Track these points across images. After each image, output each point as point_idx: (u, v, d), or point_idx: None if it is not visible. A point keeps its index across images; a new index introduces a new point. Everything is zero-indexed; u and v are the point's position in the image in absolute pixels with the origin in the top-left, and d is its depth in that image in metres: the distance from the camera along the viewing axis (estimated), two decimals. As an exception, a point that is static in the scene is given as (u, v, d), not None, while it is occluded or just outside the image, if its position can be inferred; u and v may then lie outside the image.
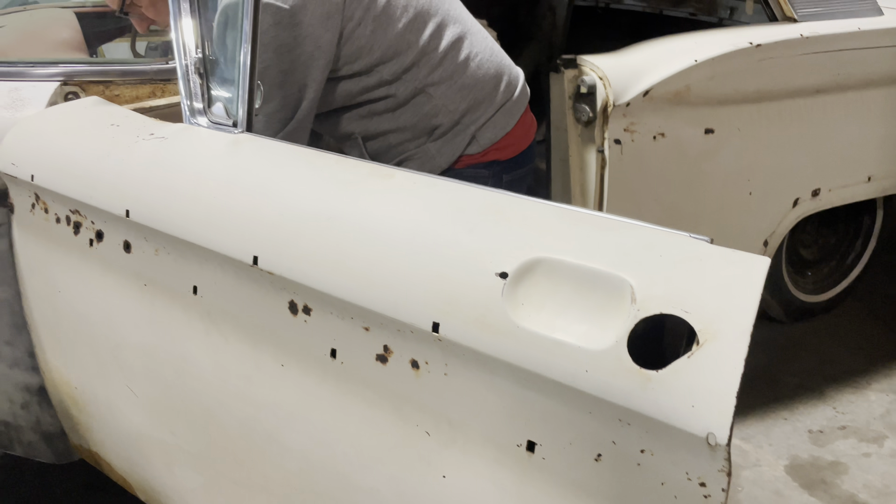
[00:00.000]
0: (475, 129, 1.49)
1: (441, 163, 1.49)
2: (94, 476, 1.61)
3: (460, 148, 1.49)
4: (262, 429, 1.07)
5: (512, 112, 1.56)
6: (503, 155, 1.55)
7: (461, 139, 1.49)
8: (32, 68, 1.53)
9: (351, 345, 0.92)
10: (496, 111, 1.52)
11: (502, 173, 1.57)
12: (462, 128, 1.48)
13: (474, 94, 1.48)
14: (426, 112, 1.45)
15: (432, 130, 1.47)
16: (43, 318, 1.40)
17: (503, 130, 1.54)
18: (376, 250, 0.88)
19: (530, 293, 0.77)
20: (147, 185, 1.13)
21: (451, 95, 1.46)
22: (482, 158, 1.53)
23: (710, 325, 0.68)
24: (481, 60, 1.50)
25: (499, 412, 0.81)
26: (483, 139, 1.51)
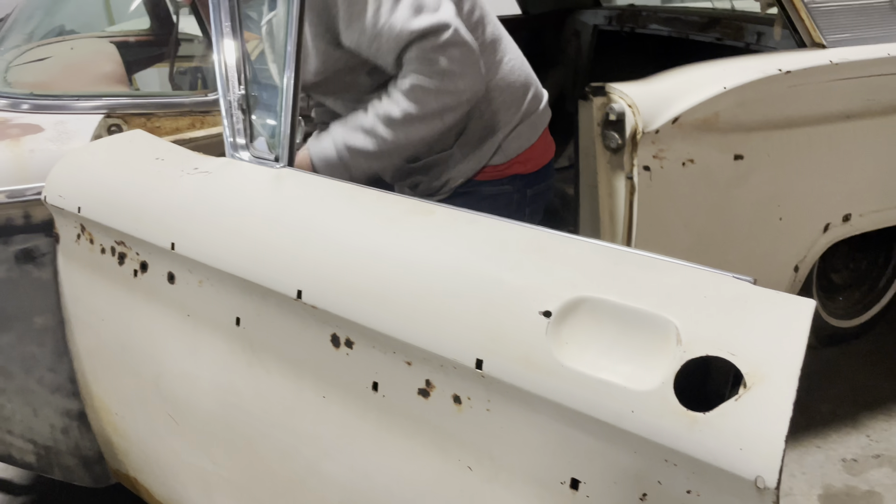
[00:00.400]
0: (502, 137, 1.52)
1: (466, 170, 1.51)
2: (131, 499, 1.63)
3: (486, 156, 1.51)
4: (303, 459, 1.08)
5: (536, 125, 1.59)
6: (525, 168, 1.58)
7: (488, 147, 1.51)
8: (77, 101, 1.58)
9: (393, 378, 0.94)
10: (521, 121, 1.54)
11: (526, 188, 1.59)
12: (488, 133, 1.50)
13: (504, 97, 1.51)
14: None
15: (460, 132, 1.48)
16: (85, 345, 1.44)
17: (528, 142, 1.56)
18: (419, 286, 0.89)
19: (574, 332, 0.78)
20: (192, 219, 1.15)
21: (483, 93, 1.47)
22: (505, 171, 1.55)
23: (757, 368, 0.68)
24: (514, 66, 1.53)
25: (542, 449, 0.82)
26: (508, 149, 1.53)
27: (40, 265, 1.43)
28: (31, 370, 1.47)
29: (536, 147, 1.58)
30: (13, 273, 1.41)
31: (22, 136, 1.45)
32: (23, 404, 1.49)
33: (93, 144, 1.42)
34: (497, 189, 1.53)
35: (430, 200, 1.02)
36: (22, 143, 1.43)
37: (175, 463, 1.34)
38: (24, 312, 1.44)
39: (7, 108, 1.58)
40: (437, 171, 1.50)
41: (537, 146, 1.58)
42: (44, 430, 1.53)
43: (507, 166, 1.54)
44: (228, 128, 1.24)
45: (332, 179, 1.12)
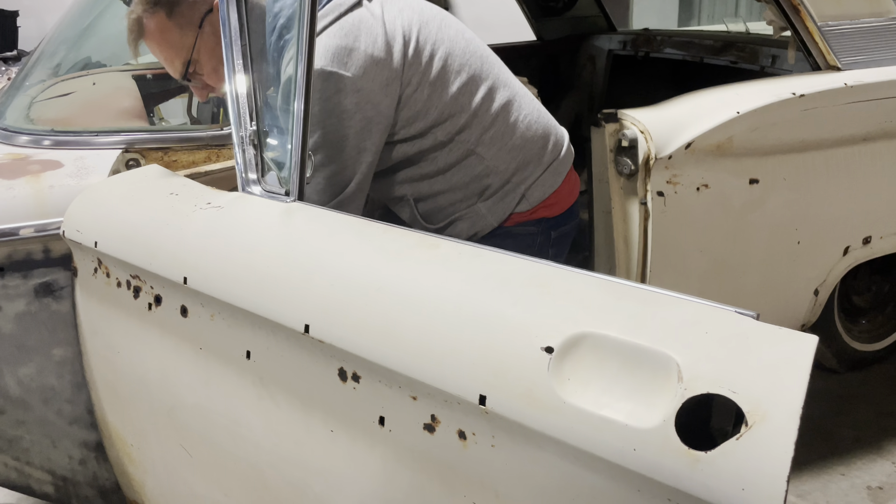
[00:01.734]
0: (525, 189, 1.52)
1: (492, 221, 1.52)
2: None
3: (511, 207, 1.52)
4: (313, 492, 1.08)
5: (559, 171, 1.59)
6: (551, 212, 1.58)
7: (511, 198, 1.52)
8: (96, 137, 1.61)
9: (399, 413, 0.94)
10: (544, 171, 1.55)
11: (550, 230, 1.59)
12: (512, 187, 1.51)
13: (523, 155, 1.51)
14: (477, 173, 1.48)
15: (483, 191, 1.50)
16: (102, 377, 1.46)
17: (551, 188, 1.56)
18: (423, 321, 0.90)
19: (576, 368, 0.78)
20: (204, 254, 1.17)
21: (501, 156, 1.49)
22: (531, 216, 1.56)
23: (758, 406, 0.68)
24: (530, 122, 1.54)
25: (546, 486, 0.81)
26: (532, 198, 1.54)
27: (59, 298, 1.46)
28: (49, 402, 1.50)
29: (561, 190, 1.59)
30: (33, 306, 1.44)
31: (42, 172, 1.49)
32: (42, 436, 1.51)
33: (110, 180, 1.45)
34: (522, 230, 1.54)
35: (436, 235, 1.02)
36: (42, 179, 1.47)
37: (189, 494, 1.35)
38: (44, 345, 1.47)
39: (29, 145, 1.62)
40: (463, 227, 1.52)
41: (562, 189, 1.59)
42: (62, 461, 1.55)
43: (533, 212, 1.55)
44: (241, 163, 1.26)
45: (340, 213, 1.13)
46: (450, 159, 1.46)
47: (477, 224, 1.51)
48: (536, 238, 1.56)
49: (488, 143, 1.46)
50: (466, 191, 1.49)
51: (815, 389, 2.23)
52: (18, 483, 1.53)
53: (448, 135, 1.43)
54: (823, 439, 2.26)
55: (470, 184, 1.48)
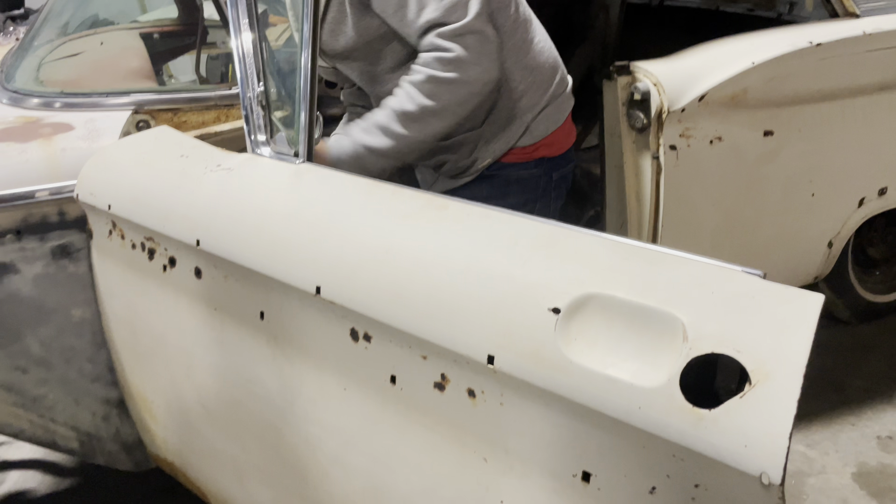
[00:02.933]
0: (530, 119, 1.52)
1: (494, 149, 1.52)
2: (169, 482, 1.70)
3: (514, 137, 1.52)
4: (327, 449, 1.11)
5: (562, 108, 1.59)
6: (551, 151, 1.58)
7: (516, 127, 1.51)
8: (106, 98, 1.62)
9: (410, 372, 0.96)
10: (549, 103, 1.54)
11: (552, 171, 1.60)
12: (517, 113, 1.51)
13: (534, 77, 1.51)
14: None
15: (489, 112, 1.49)
16: (121, 336, 1.49)
17: (554, 125, 1.57)
18: (432, 282, 0.91)
19: (583, 329, 0.79)
20: (215, 216, 1.18)
21: (513, 73, 1.48)
22: (532, 154, 1.56)
23: (762, 365, 0.68)
24: (543, 47, 1.54)
25: (554, 442, 0.83)
26: (536, 131, 1.54)
27: (76, 260, 1.48)
28: (71, 361, 1.54)
29: (561, 130, 1.59)
30: (50, 268, 1.47)
31: (54, 135, 1.49)
32: (65, 394, 1.56)
33: (121, 142, 1.46)
34: (525, 173, 1.54)
35: (444, 195, 1.02)
36: (54, 142, 1.48)
37: (208, 449, 1.39)
38: (63, 306, 1.50)
39: (39, 108, 1.63)
40: (466, 150, 1.52)
41: (562, 129, 1.59)
42: (85, 417, 1.59)
43: (535, 149, 1.55)
44: (249, 124, 1.26)
45: (349, 174, 1.13)
46: None
47: (480, 148, 1.51)
48: (540, 181, 1.56)
49: (506, 53, 1.45)
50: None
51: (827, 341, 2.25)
52: (45, 439, 1.58)
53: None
54: (834, 390, 2.28)
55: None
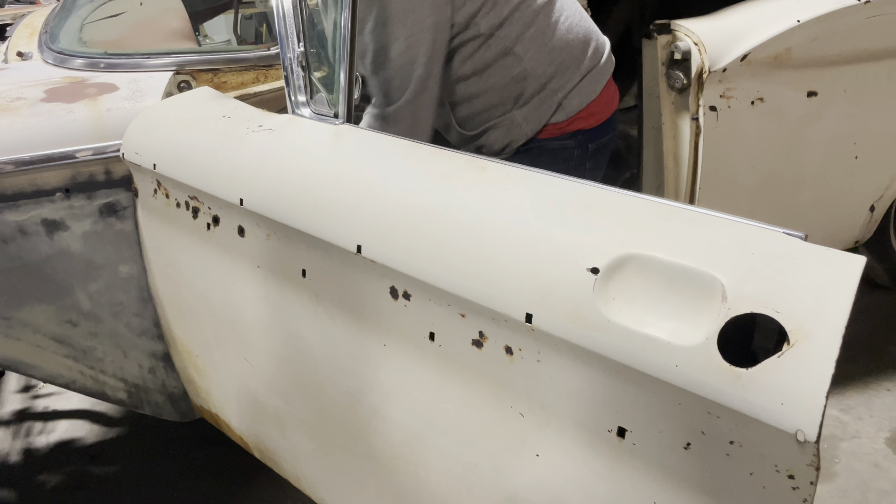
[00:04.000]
0: (562, 96, 1.50)
1: (527, 130, 1.51)
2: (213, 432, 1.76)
3: (546, 115, 1.51)
4: (368, 402, 1.15)
5: (598, 79, 1.56)
6: (588, 123, 1.56)
7: (547, 106, 1.50)
8: (148, 59, 1.64)
9: (448, 329, 0.98)
10: (582, 77, 1.52)
11: (588, 142, 1.58)
12: (549, 94, 1.49)
13: (562, 58, 1.49)
14: (514, 75, 1.47)
15: (518, 96, 1.48)
16: (166, 292, 1.54)
17: (589, 97, 1.54)
18: (471, 242, 0.93)
19: (621, 289, 0.80)
20: (258, 176, 1.21)
21: (539, 58, 1.46)
22: (567, 128, 1.54)
23: (801, 325, 0.69)
24: (571, 24, 1.50)
25: (590, 399, 0.85)
26: (569, 106, 1.51)
27: (122, 218, 1.52)
28: (118, 315, 1.59)
29: (599, 100, 1.56)
30: (98, 226, 1.51)
31: (99, 96, 1.53)
32: (113, 346, 1.62)
33: (164, 103, 1.48)
34: (558, 144, 1.53)
35: (484, 157, 1.03)
36: (100, 103, 1.51)
37: (252, 402, 1.44)
38: (110, 262, 1.55)
39: (84, 68, 1.66)
40: (497, 136, 1.51)
41: (600, 99, 1.56)
42: (133, 369, 1.66)
43: (569, 123, 1.53)
44: (289, 85, 1.27)
45: (389, 136, 1.15)
46: (487, 57, 1.44)
47: (512, 132, 1.50)
48: (574, 152, 1.55)
49: (527, 42, 1.44)
50: (502, 94, 1.47)
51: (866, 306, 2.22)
52: (95, 390, 1.65)
53: (490, 27, 1.41)
54: (871, 355, 2.26)
55: (506, 87, 1.46)
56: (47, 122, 1.46)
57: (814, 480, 0.70)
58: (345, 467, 1.27)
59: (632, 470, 0.83)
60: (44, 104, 1.49)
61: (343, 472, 1.28)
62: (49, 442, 2.24)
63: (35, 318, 1.54)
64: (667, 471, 0.81)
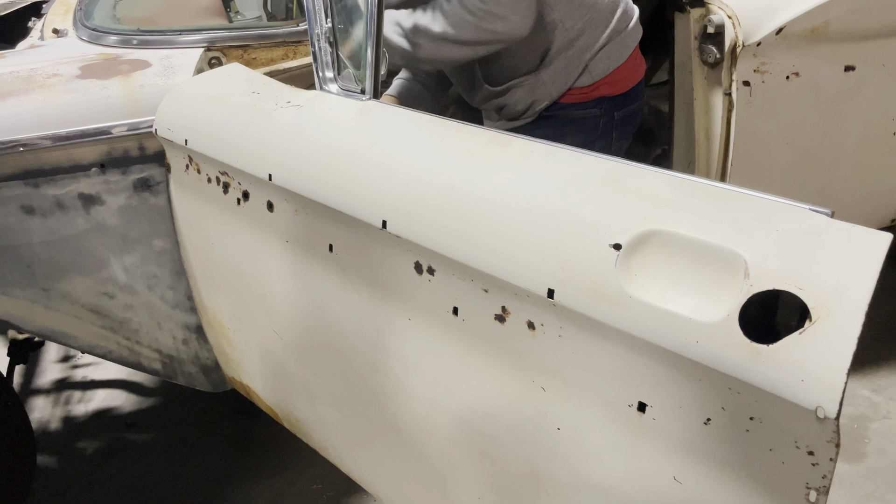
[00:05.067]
0: (588, 58, 1.49)
1: (552, 91, 1.50)
2: (245, 403, 1.81)
3: (572, 77, 1.50)
4: (393, 374, 1.17)
5: (626, 44, 1.54)
6: (613, 90, 1.55)
7: (573, 67, 1.49)
8: (179, 36, 1.66)
9: (471, 304, 0.99)
10: (610, 39, 1.51)
11: (613, 110, 1.57)
12: (576, 53, 1.48)
13: (591, 15, 1.48)
14: (543, 26, 1.46)
15: (545, 52, 1.47)
16: (199, 266, 1.57)
17: (616, 62, 1.53)
18: (494, 218, 0.93)
19: (643, 265, 0.81)
20: (286, 151, 1.22)
21: (570, 11, 1.46)
22: (591, 93, 1.53)
23: (824, 302, 0.69)
24: None
25: (611, 374, 0.86)
26: (595, 70, 1.50)
27: (156, 193, 1.55)
28: (153, 288, 1.63)
29: (625, 67, 1.55)
30: (133, 200, 1.55)
31: (132, 72, 1.55)
32: (148, 318, 1.66)
33: (195, 79, 1.50)
34: (583, 112, 1.52)
35: (508, 132, 1.03)
36: (133, 79, 1.54)
37: (281, 373, 1.47)
38: (145, 236, 1.58)
39: (117, 45, 1.69)
40: (521, 95, 1.51)
41: (626, 66, 1.55)
42: (167, 341, 1.70)
43: (594, 88, 1.51)
44: (317, 61, 1.28)
45: (414, 112, 1.15)
46: None
47: (536, 91, 1.50)
48: (599, 120, 1.54)
49: None
50: (529, 50, 1.46)
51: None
52: (130, 360, 1.70)
53: None
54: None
55: (534, 41, 1.45)
56: (83, 98, 1.49)
57: (833, 457, 0.70)
58: (370, 438, 1.29)
59: (652, 444, 0.84)
60: (79, 81, 1.52)
61: (369, 443, 1.31)
62: (87, 410, 2.32)
63: (73, 290, 1.59)
64: (686, 446, 0.81)
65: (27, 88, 1.49)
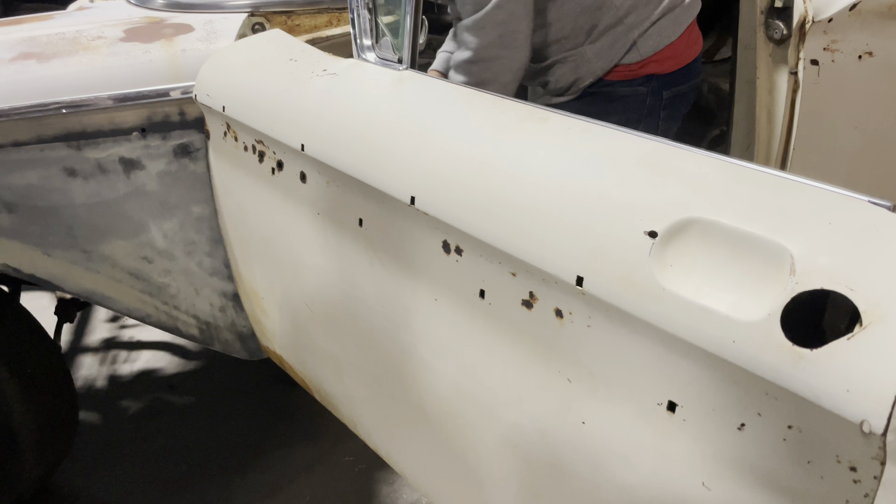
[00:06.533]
0: (637, 35, 1.41)
1: (596, 68, 1.43)
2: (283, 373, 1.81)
3: (619, 54, 1.42)
4: (419, 354, 1.14)
5: (679, 20, 1.45)
6: (662, 68, 1.46)
7: (621, 44, 1.41)
8: (225, 0, 1.64)
9: (498, 287, 0.95)
10: (663, 15, 1.42)
11: (662, 89, 1.48)
12: (623, 31, 1.40)
13: None
14: (589, 3, 1.39)
15: (591, 29, 1.40)
16: (235, 234, 1.56)
17: (667, 39, 1.44)
18: (525, 198, 0.88)
19: (680, 255, 0.75)
20: (319, 121, 1.19)
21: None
22: (639, 71, 1.44)
23: (877, 305, 0.62)
24: None
25: (640, 369, 0.80)
26: (644, 47, 1.42)
27: (195, 159, 1.55)
28: (191, 254, 1.64)
29: (678, 44, 1.45)
30: (172, 166, 1.55)
31: (175, 36, 1.54)
32: (186, 284, 1.67)
33: (236, 45, 1.48)
34: (630, 89, 1.44)
35: (546, 107, 0.98)
36: (175, 43, 1.52)
37: (312, 346, 1.46)
38: (184, 202, 1.58)
39: (163, 8, 1.68)
40: (567, 69, 1.44)
41: (679, 43, 1.45)
42: (204, 307, 1.71)
43: (642, 65, 1.43)
44: (355, 28, 1.24)
45: (449, 84, 1.10)
46: None
47: (581, 68, 1.43)
48: (646, 98, 1.46)
49: None
50: (575, 24, 1.40)
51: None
52: (168, 325, 1.71)
53: None
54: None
55: (580, 16, 1.38)
56: (125, 61, 1.49)
57: (878, 475, 0.64)
58: (396, 417, 1.27)
59: (680, 446, 0.79)
60: (122, 44, 1.52)
61: (394, 422, 1.28)
62: (132, 370, 2.37)
63: (113, 253, 1.60)
64: (718, 451, 0.76)
65: (72, 50, 1.50)
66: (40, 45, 1.51)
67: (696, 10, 1.49)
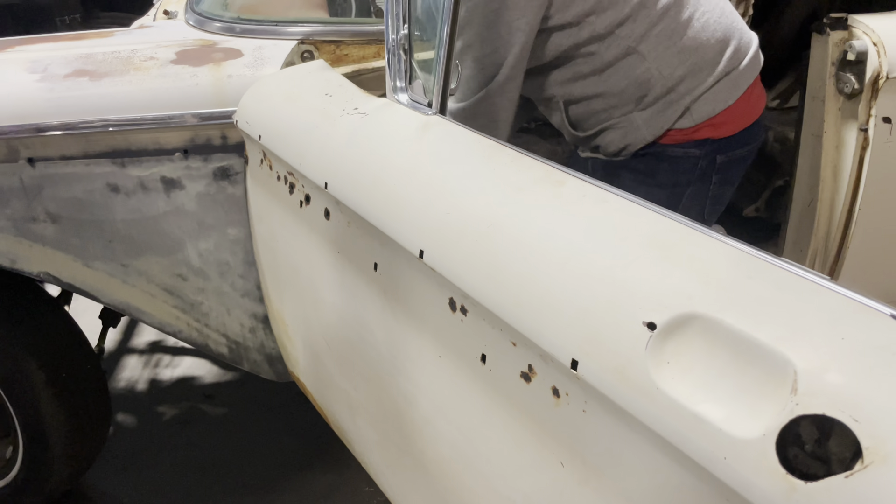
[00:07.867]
0: (690, 101, 1.33)
1: (646, 135, 1.36)
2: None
3: (670, 120, 1.34)
4: (422, 408, 1.10)
5: (737, 83, 1.36)
6: (717, 133, 1.37)
7: (673, 111, 1.34)
8: (276, 27, 1.65)
9: (499, 355, 0.91)
10: (717, 81, 1.34)
11: (716, 153, 1.39)
12: (675, 97, 1.33)
13: (694, 60, 1.31)
14: (637, 76, 1.32)
15: (641, 98, 1.34)
16: (266, 259, 1.57)
17: (723, 104, 1.35)
18: (528, 268, 0.84)
19: (678, 352, 0.69)
20: (343, 160, 1.18)
21: (667, 59, 1.30)
22: (692, 135, 1.36)
23: (882, 443, 0.55)
24: (707, 21, 1.32)
25: (633, 466, 0.75)
26: (698, 113, 1.34)
27: (234, 182, 1.56)
28: (225, 275, 1.65)
29: (736, 108, 1.36)
30: (211, 188, 1.57)
31: (224, 61, 1.56)
32: (218, 303, 1.69)
33: (277, 74, 1.49)
34: (682, 151, 1.36)
35: (564, 168, 0.93)
36: (222, 68, 1.54)
37: (328, 380, 1.44)
38: (220, 223, 1.60)
39: (217, 32, 1.71)
40: (614, 137, 1.37)
41: (736, 107, 1.36)
42: (235, 327, 1.72)
43: (695, 130, 1.35)
44: (390, 68, 1.22)
45: (475, 133, 1.07)
46: (607, 57, 1.30)
47: (630, 135, 1.36)
48: (698, 162, 1.37)
49: (653, 42, 1.28)
50: (622, 96, 1.33)
51: None
52: (199, 342, 1.73)
53: (607, 27, 1.27)
54: None
55: (627, 89, 1.32)
56: (172, 83, 1.51)
57: None
58: (400, 466, 1.24)
59: (668, 556, 0.73)
60: (172, 66, 1.54)
61: (399, 471, 1.25)
62: (172, 376, 2.42)
63: (149, 269, 1.63)
64: (707, 567, 0.69)
65: (123, 70, 1.53)
66: (95, 62, 1.55)
67: (756, 69, 1.39)
